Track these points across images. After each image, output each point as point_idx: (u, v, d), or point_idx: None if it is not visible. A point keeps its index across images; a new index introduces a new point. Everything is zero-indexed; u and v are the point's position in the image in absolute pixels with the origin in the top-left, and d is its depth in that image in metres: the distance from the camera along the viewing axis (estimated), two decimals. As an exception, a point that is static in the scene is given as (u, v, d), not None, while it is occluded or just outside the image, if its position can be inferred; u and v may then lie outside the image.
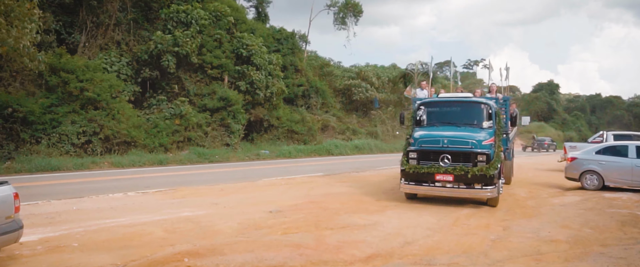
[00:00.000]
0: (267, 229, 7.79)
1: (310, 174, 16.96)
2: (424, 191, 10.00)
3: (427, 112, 10.88)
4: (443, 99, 11.47)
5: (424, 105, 11.04)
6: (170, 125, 23.28)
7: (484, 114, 10.45)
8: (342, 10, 40.41)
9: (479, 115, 10.45)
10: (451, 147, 9.61)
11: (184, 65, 25.86)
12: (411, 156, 9.97)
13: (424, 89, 13.59)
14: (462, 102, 10.97)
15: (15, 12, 14.78)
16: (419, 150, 9.90)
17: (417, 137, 10.09)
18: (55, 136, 19.27)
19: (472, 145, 9.54)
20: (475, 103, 10.83)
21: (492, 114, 10.43)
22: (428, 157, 9.81)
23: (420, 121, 10.87)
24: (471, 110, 10.67)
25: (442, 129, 10.17)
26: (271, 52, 33.10)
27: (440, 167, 9.61)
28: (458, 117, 10.50)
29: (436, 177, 9.64)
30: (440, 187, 9.70)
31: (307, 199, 10.85)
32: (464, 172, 9.38)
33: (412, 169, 9.84)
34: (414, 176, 9.88)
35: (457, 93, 12.34)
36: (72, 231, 7.47)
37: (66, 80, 20.13)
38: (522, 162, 24.74)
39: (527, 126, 61.01)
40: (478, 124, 10.30)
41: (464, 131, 9.95)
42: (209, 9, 28.07)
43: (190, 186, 13.17)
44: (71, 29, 25.07)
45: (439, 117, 10.71)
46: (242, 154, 24.71)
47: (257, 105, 29.00)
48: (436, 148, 9.74)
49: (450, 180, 9.54)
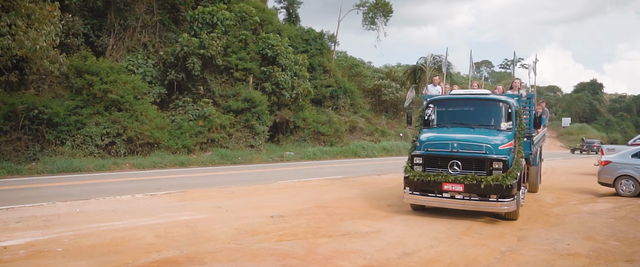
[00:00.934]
0: (263, 236, 7.39)
1: (329, 176, 16.49)
2: (430, 202, 8.75)
3: (437, 112, 9.63)
4: (455, 96, 9.90)
5: (433, 104, 9.76)
6: (194, 127, 23.29)
7: (502, 114, 9.12)
8: (371, 10, 39.76)
9: (496, 115, 9.15)
10: (462, 152, 8.38)
11: (209, 67, 25.87)
12: (416, 162, 8.77)
13: (437, 85, 12.10)
14: (476, 99, 9.54)
15: (36, 15, 14.96)
16: (425, 155, 8.68)
17: (423, 140, 8.88)
18: (79, 137, 19.52)
19: (486, 150, 8.27)
20: (492, 101, 9.46)
21: (512, 114, 9.06)
22: (435, 164, 8.59)
23: (428, 122, 9.66)
24: (487, 110, 9.33)
25: (452, 131, 8.96)
26: (299, 52, 32.85)
27: (448, 175, 8.36)
28: (472, 117, 9.21)
29: (444, 187, 8.38)
30: (449, 198, 8.43)
31: (315, 204, 10.40)
32: (476, 182, 8.11)
33: (416, 177, 8.61)
34: (418, 185, 8.65)
35: (471, 89, 10.69)
36: (62, 235, 7.27)
37: (91, 82, 20.39)
38: (557, 165, 23.52)
39: (568, 128, 58.64)
40: (495, 125, 9.01)
41: (478, 134, 8.67)
42: (235, 10, 28.03)
43: (202, 188, 12.94)
44: (100, 32, 25.51)
45: (450, 117, 9.45)
46: (265, 156, 24.47)
47: (283, 107, 28.74)
48: (444, 153, 8.50)
49: (460, 190, 8.25)
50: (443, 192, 8.44)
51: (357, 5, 40.42)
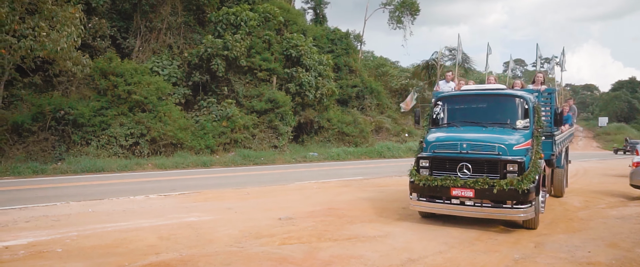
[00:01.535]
0: (267, 239, 7.19)
1: (348, 178, 16.19)
2: (437, 209, 7.95)
3: (447, 109, 8.79)
4: (466, 92, 9.12)
5: (443, 101, 8.93)
6: (217, 128, 23.35)
7: (518, 111, 8.25)
8: (398, 9, 39.20)
9: (511, 112, 8.30)
10: (472, 154, 7.60)
11: (233, 68, 25.93)
12: (422, 165, 7.99)
13: (450, 81, 11.11)
14: (489, 95, 8.75)
15: (58, 17, 15.22)
16: (432, 157, 7.93)
17: (429, 141, 8.16)
18: (104, 137, 19.80)
19: (499, 150, 7.47)
20: (507, 96, 8.62)
21: (530, 111, 8.20)
22: (443, 167, 7.80)
23: (438, 120, 8.85)
24: (501, 106, 8.52)
25: (462, 131, 8.20)
26: (325, 52, 32.66)
27: (457, 179, 7.56)
28: (484, 114, 8.43)
29: (452, 192, 7.60)
30: (458, 205, 7.64)
31: (328, 205, 10.14)
32: (488, 187, 7.31)
33: (422, 182, 7.86)
34: (425, 190, 7.89)
35: (484, 85, 9.81)
36: (66, 235, 7.25)
37: (115, 83, 20.68)
38: (590, 166, 22.54)
39: (605, 128, 56.50)
40: (510, 123, 8.18)
41: (491, 133, 7.88)
42: (258, 10, 28.05)
43: (217, 189, 12.87)
44: (126, 34, 25.91)
45: (461, 115, 8.68)
46: (289, 157, 24.34)
47: (307, 107, 28.58)
48: (453, 154, 7.74)
49: (470, 196, 7.46)
50: (451, 198, 7.69)
51: (383, 4, 39.94)
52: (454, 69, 12.82)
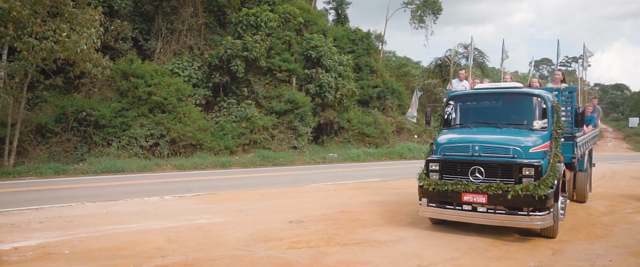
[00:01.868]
0: (275, 242, 7.07)
1: (366, 179, 15.98)
2: (448, 216, 7.47)
3: (459, 109, 8.34)
4: (479, 91, 8.61)
5: (455, 100, 8.46)
6: (237, 128, 23.40)
7: (535, 110, 7.77)
8: (420, 8, 38.72)
9: (528, 112, 7.82)
10: (485, 157, 7.12)
11: (253, 69, 25.97)
12: (432, 168, 7.56)
13: (463, 79, 10.66)
14: (504, 94, 8.23)
15: (78, 19, 15.44)
16: (442, 160, 7.48)
17: (440, 143, 7.71)
18: (125, 138, 20.04)
19: (514, 153, 7.00)
20: (523, 95, 8.12)
21: (548, 110, 7.68)
22: (454, 170, 7.35)
23: (449, 121, 8.40)
24: (517, 106, 8.04)
25: (475, 132, 7.74)
26: (345, 53, 32.49)
27: (469, 183, 7.10)
28: (499, 114, 7.96)
29: (463, 198, 7.13)
30: (470, 211, 7.17)
31: (341, 208, 9.97)
32: (502, 192, 6.84)
33: (431, 186, 7.40)
34: (434, 195, 7.44)
35: (499, 83, 9.24)
36: (75, 236, 7.27)
37: (136, 85, 20.91)
38: (618, 169, 21.77)
39: (636, 128, 54.83)
40: (527, 123, 7.70)
41: (505, 134, 7.43)
42: (278, 11, 28.03)
43: (232, 191, 12.83)
44: (148, 36, 26.22)
45: (474, 115, 8.23)
46: (308, 158, 24.24)
47: (327, 108, 28.43)
48: (464, 157, 7.28)
49: (483, 202, 6.99)
50: (463, 204, 7.20)
51: (405, 4, 39.49)
52: (468, 68, 12.28)
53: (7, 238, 7.17)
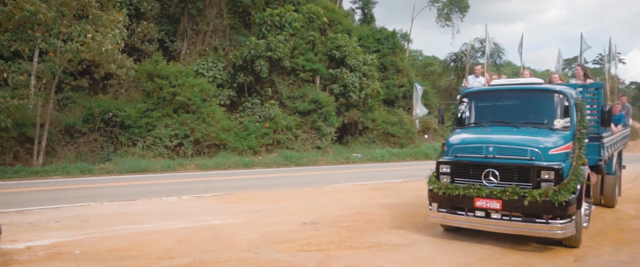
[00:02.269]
0: (286, 244, 6.95)
1: (388, 180, 15.72)
2: (459, 222, 6.96)
3: (474, 108, 7.79)
4: (495, 87, 8.06)
5: (469, 98, 7.91)
6: (260, 128, 23.44)
7: (556, 108, 7.18)
8: (446, 6, 38.04)
9: (548, 110, 7.24)
10: (499, 159, 6.59)
11: (277, 69, 25.98)
12: (442, 170, 7.09)
13: (479, 75, 10.08)
14: (522, 90, 7.65)
15: (103, 21, 15.70)
16: (454, 162, 7.00)
17: (451, 143, 7.22)
18: (149, 138, 20.30)
19: (531, 155, 6.46)
20: (543, 92, 7.54)
21: (570, 108, 7.11)
22: (466, 173, 6.85)
23: (463, 120, 7.86)
24: (536, 103, 7.47)
25: (489, 132, 7.22)
26: (371, 52, 32.21)
27: (482, 187, 6.59)
28: (517, 113, 7.42)
29: (476, 203, 6.62)
30: (483, 218, 6.66)
31: (357, 210, 9.79)
32: (518, 197, 6.31)
33: (442, 190, 6.91)
34: (445, 200, 6.95)
35: (516, 79, 8.66)
36: (88, 236, 7.32)
37: (160, 86, 21.16)
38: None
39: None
40: (547, 123, 7.10)
41: (522, 134, 6.91)
42: (303, 11, 27.98)
43: (251, 191, 12.79)
44: (174, 37, 26.55)
45: (489, 113, 7.70)
46: (331, 158, 24.07)
47: (352, 108, 28.22)
48: (477, 159, 6.75)
49: (497, 208, 6.48)
50: (475, 210, 6.70)
51: (431, 2, 38.86)
52: (486, 64, 11.76)
53: (23, 237, 7.27)
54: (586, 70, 9.42)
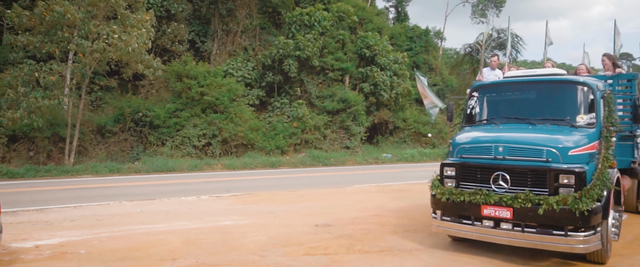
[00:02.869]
0: (293, 247, 6.72)
1: (414, 180, 15.24)
2: (464, 232, 6.16)
3: (485, 103, 6.96)
4: (509, 80, 7.09)
5: (480, 92, 7.07)
6: (288, 128, 23.34)
7: (579, 102, 6.33)
8: (481, 1, 36.97)
9: (570, 105, 6.39)
10: (510, 160, 5.81)
11: (306, 69, 25.84)
12: (447, 174, 6.35)
13: (496, 68, 9.05)
14: (540, 82, 6.71)
15: (131, 21, 15.92)
16: (459, 164, 6.23)
17: (457, 143, 6.47)
18: (178, 138, 20.50)
19: (548, 156, 5.63)
20: (563, 84, 6.59)
21: (596, 102, 6.21)
22: (473, 177, 6.08)
23: (472, 116, 7.06)
24: (556, 97, 6.55)
25: (500, 129, 6.39)
26: (403, 50, 31.69)
27: (490, 193, 5.80)
28: (533, 108, 6.56)
29: (483, 212, 5.85)
30: (490, 228, 5.86)
31: (375, 211, 9.46)
32: (531, 205, 5.51)
33: (445, 196, 6.17)
34: (448, 207, 6.21)
35: (534, 70, 7.65)
36: (96, 236, 7.29)
37: (189, 86, 21.34)
38: None
39: None
40: (568, 119, 6.21)
41: (538, 132, 6.08)
42: (333, 9, 27.73)
43: (272, 191, 12.64)
44: (205, 38, 26.79)
45: (502, 109, 6.85)
46: (360, 158, 23.74)
47: (382, 107, 27.79)
48: (485, 161, 5.99)
49: (507, 217, 5.68)
50: (482, 219, 5.92)
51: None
52: (507, 56, 10.94)
53: (35, 236, 7.31)
54: (614, 60, 8.49)
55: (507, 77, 7.35)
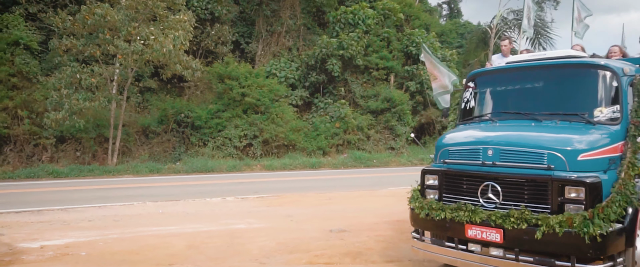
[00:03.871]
0: (298, 254, 6.33)
1: (455, 184, 14.45)
2: (447, 258, 4.89)
3: (483, 94, 5.68)
4: (511, 65, 5.70)
5: (477, 81, 5.76)
6: (330, 129, 22.95)
7: (598, 91, 4.89)
8: (538, -5, 34.91)
9: (586, 94, 4.96)
10: (502, 167, 4.53)
11: (350, 68, 25.36)
12: (428, 183, 5.20)
13: (508, 54, 7.47)
14: (549, 67, 5.28)
15: (169, 22, 16.11)
16: (442, 171, 5.01)
17: (442, 144, 5.23)
18: (219, 139, 20.61)
19: (550, 161, 4.29)
20: (578, 68, 5.15)
21: (621, 92, 4.72)
22: (458, 188, 4.83)
23: (468, 111, 5.72)
24: (569, 85, 5.08)
25: (496, 127, 5.08)
26: (454, 48, 30.55)
27: (476, 209, 4.54)
28: (541, 100, 5.19)
29: (467, 233, 4.60)
30: (477, 255, 4.60)
31: (399, 217, 8.81)
32: (527, 226, 4.22)
33: (424, 211, 4.97)
34: (428, 226, 5.06)
35: (545, 52, 6.35)
36: (103, 237, 7.21)
37: (230, 87, 21.42)
38: None
39: None
40: (584, 113, 4.77)
41: (541, 131, 4.76)
42: (378, 7, 27.07)
43: (301, 192, 12.31)
44: (249, 39, 26.92)
45: (504, 102, 5.57)
46: (405, 159, 22.97)
47: (430, 106, 26.80)
48: (472, 167, 4.74)
49: (497, 241, 4.41)
50: (467, 242, 4.69)
51: (519, -9, 35.90)
52: (523, 42, 9.51)
53: (46, 236, 7.32)
54: (623, 51, 6.92)
55: (509, 61, 6.05)
